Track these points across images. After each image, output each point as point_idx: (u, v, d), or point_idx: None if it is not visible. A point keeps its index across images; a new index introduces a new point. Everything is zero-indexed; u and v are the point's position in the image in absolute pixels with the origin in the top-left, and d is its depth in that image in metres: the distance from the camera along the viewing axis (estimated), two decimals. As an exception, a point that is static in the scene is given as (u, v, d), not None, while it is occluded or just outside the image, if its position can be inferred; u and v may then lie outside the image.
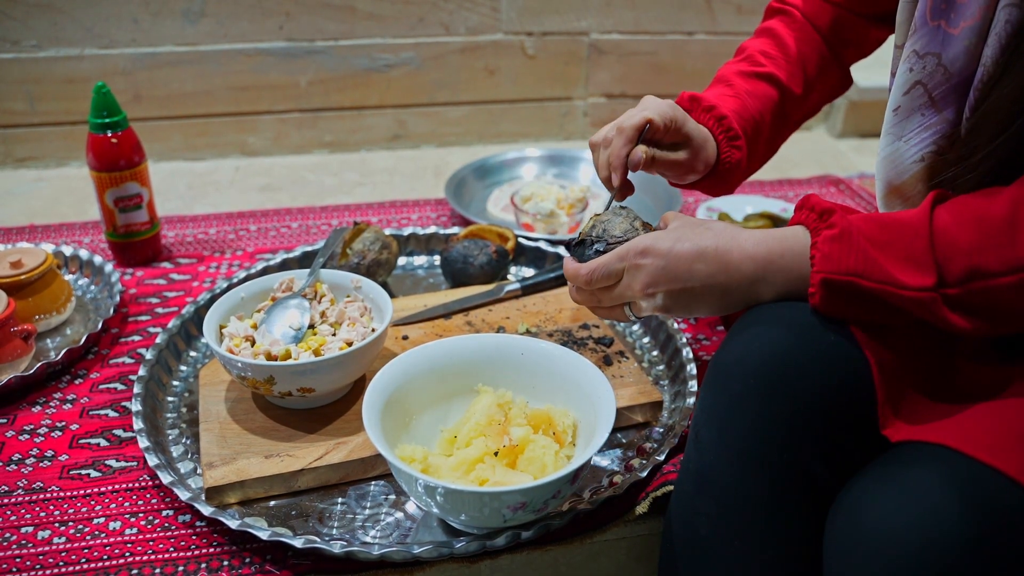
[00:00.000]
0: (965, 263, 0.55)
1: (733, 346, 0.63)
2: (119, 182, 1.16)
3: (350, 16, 1.59)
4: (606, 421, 0.72)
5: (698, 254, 0.66)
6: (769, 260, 0.64)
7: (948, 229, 0.56)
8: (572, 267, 0.76)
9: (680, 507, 0.66)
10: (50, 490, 0.83)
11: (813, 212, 0.63)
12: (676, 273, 0.67)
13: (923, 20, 0.65)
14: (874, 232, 0.59)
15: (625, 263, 0.71)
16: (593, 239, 0.76)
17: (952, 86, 0.65)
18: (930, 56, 0.65)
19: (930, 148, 0.67)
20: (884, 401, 0.58)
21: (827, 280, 0.59)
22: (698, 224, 0.69)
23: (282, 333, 0.89)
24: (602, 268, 0.72)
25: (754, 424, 0.60)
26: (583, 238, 0.77)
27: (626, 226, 0.76)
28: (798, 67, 0.91)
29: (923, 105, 0.67)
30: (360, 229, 1.12)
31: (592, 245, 0.76)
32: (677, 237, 0.68)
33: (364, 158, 1.70)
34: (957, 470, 0.51)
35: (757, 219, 1.35)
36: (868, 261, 0.58)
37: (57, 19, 1.49)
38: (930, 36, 0.65)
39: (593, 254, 0.75)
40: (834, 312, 0.60)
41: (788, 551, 0.60)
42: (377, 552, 0.72)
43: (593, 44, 1.70)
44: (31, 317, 1.04)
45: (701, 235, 0.67)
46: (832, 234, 0.60)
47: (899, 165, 0.70)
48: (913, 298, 0.57)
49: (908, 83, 0.67)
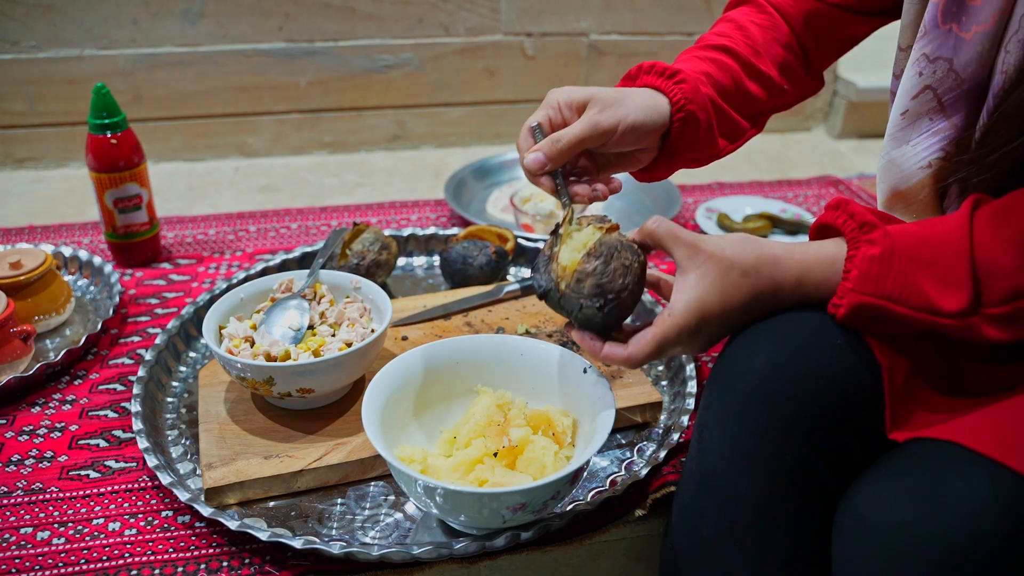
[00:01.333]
0: (1010, 284, 0.54)
1: (739, 347, 0.63)
2: (118, 183, 1.16)
3: (350, 17, 1.59)
4: (605, 422, 0.72)
5: (750, 305, 0.62)
6: (803, 277, 0.61)
7: (990, 248, 0.54)
8: (613, 354, 0.66)
9: (682, 507, 0.66)
10: (49, 491, 0.83)
11: (853, 220, 0.60)
12: (731, 324, 0.64)
13: (934, 23, 0.64)
14: (913, 250, 0.56)
15: (681, 344, 0.64)
16: (591, 299, 0.65)
17: (963, 92, 0.64)
18: (941, 61, 0.64)
19: (937, 154, 0.66)
20: (893, 404, 0.57)
21: (861, 303, 0.57)
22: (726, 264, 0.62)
23: (281, 334, 0.89)
24: (656, 353, 0.65)
25: (758, 425, 0.59)
26: (574, 299, 0.66)
27: (620, 261, 0.66)
28: (760, 45, 0.83)
29: (932, 110, 0.66)
30: (359, 230, 1.12)
31: (595, 308, 0.66)
32: (722, 300, 0.62)
33: (364, 159, 1.70)
34: (968, 467, 0.50)
35: (756, 219, 1.35)
36: (907, 287, 0.55)
37: (57, 20, 1.49)
38: (941, 40, 0.64)
39: (604, 318, 0.66)
40: (854, 325, 0.59)
41: (791, 553, 0.60)
42: (376, 553, 0.72)
43: (592, 45, 1.70)
44: (31, 318, 1.04)
45: (740, 285, 0.62)
46: (874, 254, 0.57)
47: (905, 170, 0.69)
48: (947, 324, 0.55)
49: (917, 87, 0.66)
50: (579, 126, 0.73)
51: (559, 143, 0.72)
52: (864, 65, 1.80)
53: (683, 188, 1.50)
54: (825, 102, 1.85)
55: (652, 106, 0.75)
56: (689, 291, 0.63)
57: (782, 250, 0.62)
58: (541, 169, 0.73)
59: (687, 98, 0.75)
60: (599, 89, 0.75)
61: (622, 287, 0.66)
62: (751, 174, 1.64)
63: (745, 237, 0.63)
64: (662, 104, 0.76)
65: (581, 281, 0.66)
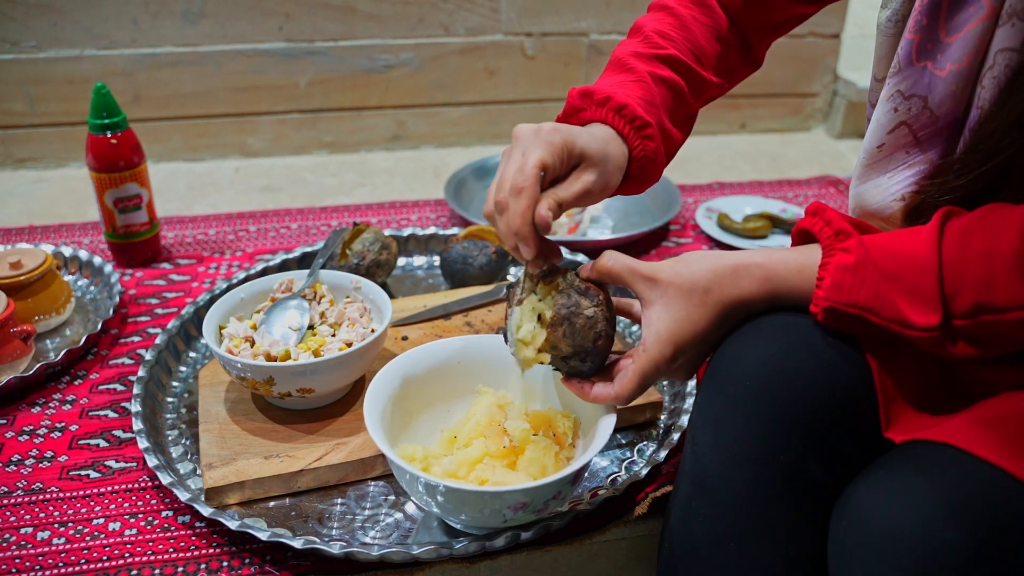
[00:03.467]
0: (973, 298, 0.54)
1: (730, 348, 0.63)
2: (119, 183, 1.16)
3: (350, 17, 1.59)
4: (607, 422, 0.72)
5: (722, 321, 0.63)
6: (776, 293, 0.62)
7: (955, 264, 0.55)
8: (603, 397, 0.69)
9: (677, 509, 0.66)
10: (50, 491, 0.83)
11: (829, 227, 0.61)
12: (708, 343, 0.65)
13: (908, 60, 0.64)
14: (884, 262, 0.57)
15: (663, 375, 0.66)
16: (568, 359, 0.69)
17: (938, 128, 0.64)
18: (916, 98, 0.64)
19: (911, 188, 0.67)
20: (885, 404, 0.57)
21: (832, 309, 0.58)
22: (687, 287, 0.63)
23: (281, 334, 0.89)
24: (641, 390, 0.67)
25: (750, 426, 0.59)
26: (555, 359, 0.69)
27: (583, 315, 0.67)
28: (701, 49, 0.80)
29: (908, 144, 0.66)
30: (359, 230, 1.12)
31: (575, 363, 0.69)
32: (691, 324, 0.63)
33: (364, 159, 1.70)
34: (964, 470, 0.51)
35: (756, 219, 1.35)
36: (879, 298, 0.56)
37: (57, 20, 1.49)
38: (916, 77, 0.64)
39: (588, 367, 0.69)
40: (835, 328, 0.60)
41: (785, 554, 0.60)
42: (377, 553, 0.72)
43: (593, 45, 1.70)
44: (31, 318, 1.04)
45: (705, 305, 0.62)
46: (847, 262, 0.58)
47: (880, 200, 0.69)
48: (918, 337, 0.56)
49: (893, 123, 0.66)
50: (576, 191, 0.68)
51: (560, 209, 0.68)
52: (864, 65, 1.80)
53: (683, 188, 1.50)
54: (825, 102, 1.85)
55: (618, 154, 0.72)
56: (657, 323, 0.64)
57: (741, 259, 0.63)
58: (548, 227, 0.66)
59: (649, 156, 0.74)
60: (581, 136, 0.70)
61: (596, 337, 0.68)
62: (751, 174, 1.64)
63: (702, 254, 0.64)
64: (618, 147, 0.72)
65: (556, 347, 0.68)
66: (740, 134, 1.84)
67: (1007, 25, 0.57)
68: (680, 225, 1.39)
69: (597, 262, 0.69)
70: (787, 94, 1.82)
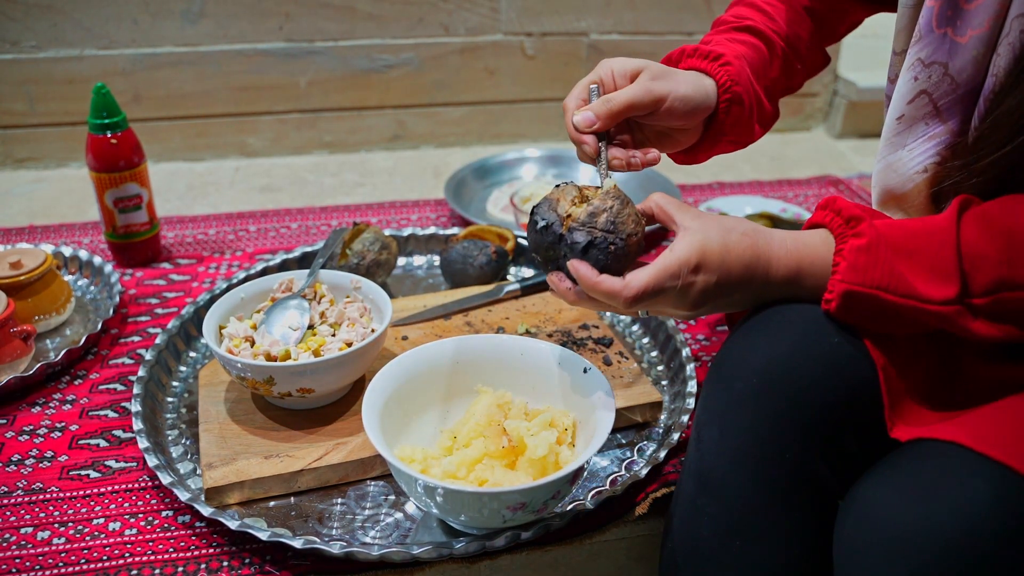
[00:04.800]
0: (993, 275, 0.55)
1: (736, 345, 0.63)
2: (119, 183, 1.16)
3: (350, 16, 1.59)
4: (606, 422, 0.72)
5: (747, 266, 0.63)
6: (800, 268, 0.63)
7: (976, 240, 0.55)
8: (609, 286, 0.63)
9: (681, 507, 0.66)
10: (50, 491, 0.83)
11: (839, 216, 0.62)
12: (726, 287, 0.63)
13: (928, 28, 0.64)
14: (900, 240, 0.57)
15: (679, 281, 0.62)
16: (601, 232, 0.64)
17: (958, 96, 0.64)
18: (936, 65, 0.64)
19: (933, 159, 0.67)
20: (890, 402, 0.57)
21: (850, 292, 0.58)
22: (727, 225, 0.64)
23: (281, 334, 0.89)
24: (652, 288, 0.62)
25: (755, 423, 0.59)
26: (583, 231, 0.64)
27: (633, 209, 0.66)
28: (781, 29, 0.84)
29: (928, 115, 0.66)
30: (359, 230, 1.12)
31: (602, 242, 0.64)
32: (723, 246, 0.62)
33: (364, 159, 1.70)
34: (971, 468, 0.51)
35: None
36: (894, 275, 0.57)
37: (57, 20, 1.49)
38: (936, 44, 0.64)
39: (608, 256, 0.64)
40: (846, 319, 0.60)
41: (790, 552, 0.60)
42: (377, 553, 0.72)
43: (593, 45, 1.70)
44: (31, 318, 1.04)
45: (740, 242, 0.63)
46: (860, 244, 0.58)
47: (902, 175, 0.69)
48: (936, 311, 0.56)
49: (912, 92, 0.66)
50: (632, 89, 0.71)
51: (610, 103, 0.71)
52: (864, 65, 1.80)
53: (683, 188, 1.50)
54: (825, 102, 1.85)
55: (700, 85, 0.75)
56: (692, 235, 0.63)
57: (774, 232, 0.65)
58: (590, 127, 0.71)
59: (733, 80, 0.75)
60: (652, 62, 0.74)
61: (632, 231, 0.66)
62: (751, 174, 1.64)
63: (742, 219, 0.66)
64: (709, 86, 0.75)
65: (595, 215, 0.65)
66: (740, 134, 1.84)
67: None
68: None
69: (650, 197, 0.70)
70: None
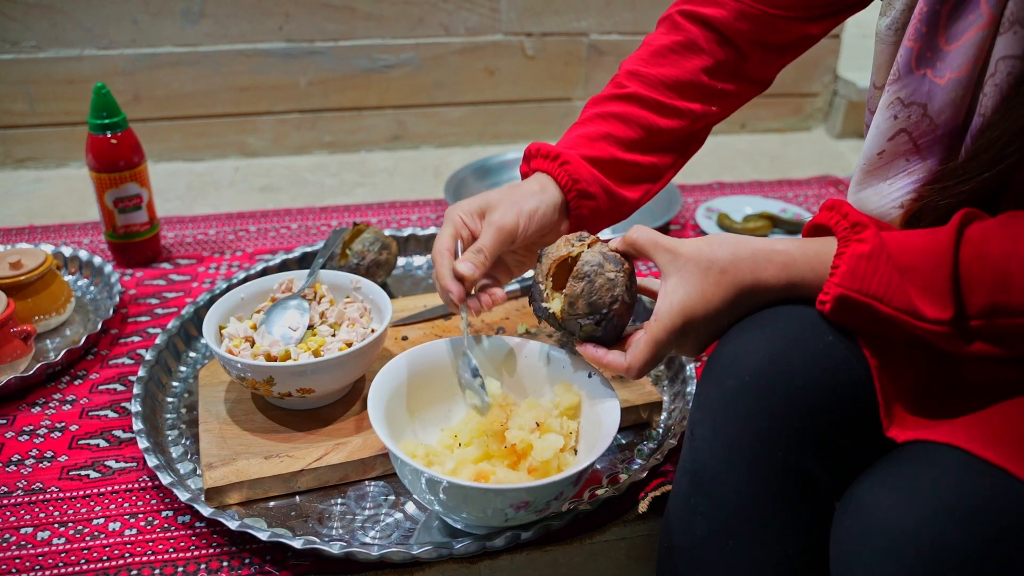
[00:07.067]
0: (989, 299, 0.55)
1: (730, 344, 0.63)
2: (119, 183, 1.16)
3: (350, 17, 1.59)
4: (610, 423, 0.72)
5: (733, 303, 0.63)
6: (791, 283, 0.62)
7: (972, 265, 0.55)
8: (616, 365, 0.69)
9: (677, 506, 0.66)
10: (50, 491, 0.83)
11: (846, 220, 0.61)
12: (718, 323, 0.65)
13: (908, 68, 0.64)
14: (900, 255, 0.57)
15: (672, 345, 0.66)
16: (586, 319, 0.69)
17: (937, 136, 0.64)
18: (915, 106, 0.64)
19: (910, 195, 0.67)
20: (885, 403, 0.58)
21: (845, 297, 0.58)
22: (704, 263, 0.64)
23: (281, 334, 0.89)
24: (652, 360, 0.67)
25: (748, 421, 0.59)
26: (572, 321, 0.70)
27: (604, 276, 0.69)
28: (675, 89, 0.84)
29: (908, 151, 0.66)
30: (359, 230, 1.12)
31: (589, 324, 0.69)
32: (703, 297, 0.63)
33: (364, 159, 1.70)
34: (967, 471, 0.51)
35: (757, 219, 1.35)
36: (892, 287, 0.57)
37: (57, 20, 1.49)
38: (915, 85, 0.64)
39: (602, 330, 0.70)
40: (840, 321, 0.60)
41: (784, 551, 0.60)
42: (377, 553, 0.72)
43: (592, 45, 1.70)
44: (31, 318, 1.04)
45: (720, 282, 0.63)
46: (863, 251, 0.58)
47: (880, 206, 0.69)
48: (929, 329, 0.56)
49: (892, 130, 0.66)
50: (489, 234, 0.76)
51: (481, 254, 0.75)
52: (864, 65, 1.79)
53: (683, 188, 1.50)
54: (825, 102, 1.85)
55: (540, 189, 0.79)
56: (672, 295, 0.64)
57: (762, 245, 0.63)
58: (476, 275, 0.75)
59: (573, 178, 0.79)
60: (491, 193, 0.79)
61: (612, 300, 0.69)
62: (751, 174, 1.64)
63: (724, 236, 0.65)
64: (551, 185, 0.80)
65: (573, 304, 0.69)
66: (740, 134, 1.84)
67: (1008, 33, 0.57)
68: (680, 225, 1.39)
69: (625, 235, 0.71)
70: (787, 94, 1.82)
